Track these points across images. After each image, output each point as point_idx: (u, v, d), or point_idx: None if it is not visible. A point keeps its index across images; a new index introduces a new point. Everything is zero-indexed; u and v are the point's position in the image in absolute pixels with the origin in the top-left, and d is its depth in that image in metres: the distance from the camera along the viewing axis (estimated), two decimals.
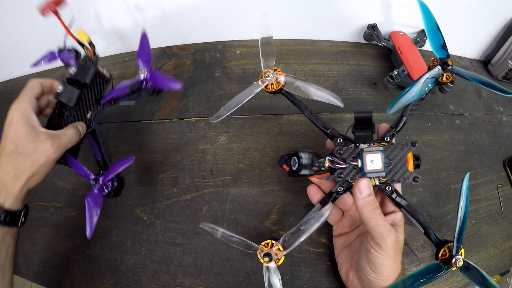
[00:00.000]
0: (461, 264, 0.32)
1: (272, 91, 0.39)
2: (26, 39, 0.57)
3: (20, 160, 0.33)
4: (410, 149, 0.34)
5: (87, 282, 0.42)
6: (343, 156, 0.34)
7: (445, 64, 0.37)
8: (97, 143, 0.44)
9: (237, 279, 0.41)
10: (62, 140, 0.36)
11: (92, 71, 0.41)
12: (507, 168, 0.52)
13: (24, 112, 0.35)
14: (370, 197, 0.33)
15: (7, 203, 0.33)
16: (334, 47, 0.62)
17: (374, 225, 0.32)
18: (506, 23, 0.60)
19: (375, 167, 0.33)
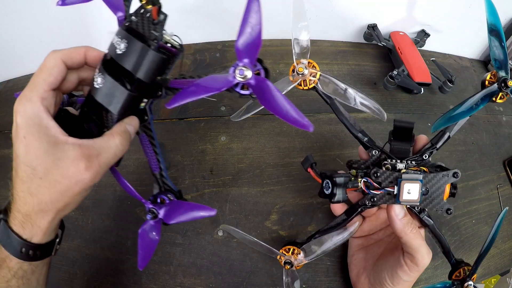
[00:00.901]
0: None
1: (304, 88, 0.35)
2: (26, 39, 0.57)
3: (42, 190, 0.24)
4: (450, 180, 0.32)
5: (87, 282, 0.42)
6: (378, 180, 0.32)
7: (503, 83, 0.32)
8: (153, 146, 0.32)
9: (237, 279, 0.41)
10: (103, 159, 0.25)
11: (151, 57, 0.25)
12: (507, 168, 0.52)
13: (34, 119, 0.24)
14: (406, 217, 0.32)
15: (35, 238, 0.26)
16: (334, 47, 0.62)
17: (417, 246, 0.31)
18: (506, 23, 0.60)
19: (412, 197, 0.31)
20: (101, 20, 0.57)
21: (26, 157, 0.24)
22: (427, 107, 0.56)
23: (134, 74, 0.25)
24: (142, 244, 0.31)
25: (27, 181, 0.24)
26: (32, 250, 0.26)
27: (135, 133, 0.28)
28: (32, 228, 0.25)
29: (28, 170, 0.24)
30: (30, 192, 0.24)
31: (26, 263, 0.26)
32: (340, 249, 0.43)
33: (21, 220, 0.25)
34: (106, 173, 0.49)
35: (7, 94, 0.62)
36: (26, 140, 0.24)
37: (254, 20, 0.24)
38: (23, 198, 0.25)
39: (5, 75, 0.65)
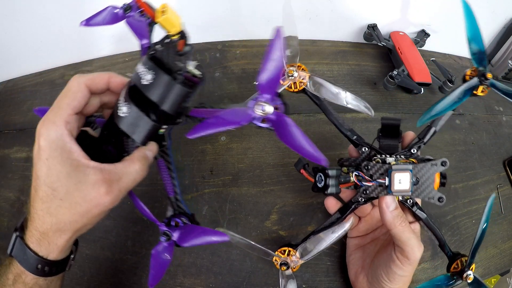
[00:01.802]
0: (471, 280, 0.33)
1: (295, 91, 0.36)
2: (26, 39, 0.57)
3: (62, 211, 0.25)
4: (439, 169, 0.33)
5: (87, 282, 0.42)
6: (370, 172, 0.33)
7: (482, 76, 0.33)
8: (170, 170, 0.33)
9: (237, 279, 0.41)
10: (123, 184, 0.26)
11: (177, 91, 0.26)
12: (507, 168, 0.52)
13: (57, 142, 0.24)
14: (397, 210, 0.33)
15: (52, 256, 0.26)
16: (334, 47, 0.62)
17: (406, 239, 0.32)
18: (506, 23, 0.60)
19: (403, 187, 0.32)
20: None
21: (48, 179, 0.24)
22: (427, 107, 0.55)
23: (159, 105, 0.26)
24: (154, 264, 0.32)
25: (47, 201, 0.25)
26: (48, 266, 0.26)
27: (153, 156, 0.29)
28: (48, 246, 0.26)
29: (48, 191, 0.24)
30: (50, 212, 0.25)
31: (42, 279, 0.27)
32: (340, 249, 0.43)
33: (38, 238, 0.26)
34: None
35: (7, 94, 0.62)
36: (49, 162, 0.24)
37: (277, 57, 0.25)
38: (42, 217, 0.25)
39: (5, 75, 0.65)
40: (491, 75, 0.33)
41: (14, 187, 0.51)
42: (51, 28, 0.57)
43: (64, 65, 0.62)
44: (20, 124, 0.54)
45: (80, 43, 0.61)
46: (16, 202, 0.50)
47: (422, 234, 0.44)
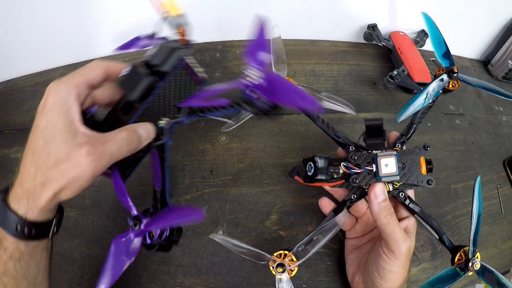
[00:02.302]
0: (478, 267, 0.32)
1: None
2: (26, 39, 0.57)
3: (47, 164, 0.25)
4: (422, 152, 0.34)
5: (87, 282, 0.42)
6: (357, 162, 0.34)
7: (451, 72, 0.37)
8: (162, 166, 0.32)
9: (237, 279, 0.41)
10: (107, 148, 0.26)
11: (176, 56, 0.30)
12: (507, 168, 0.52)
13: (63, 99, 0.26)
14: (385, 202, 0.33)
15: (31, 215, 0.26)
16: (334, 47, 0.62)
17: (390, 231, 0.32)
18: (506, 23, 0.60)
19: (390, 170, 0.33)
20: (101, 21, 0.58)
21: (44, 131, 0.25)
22: None
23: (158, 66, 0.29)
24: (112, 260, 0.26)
25: (37, 153, 0.25)
26: (27, 227, 0.26)
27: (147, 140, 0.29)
28: (27, 204, 0.25)
29: (41, 143, 0.25)
30: (36, 165, 0.25)
31: (22, 243, 0.26)
32: (340, 249, 0.43)
33: (19, 196, 0.26)
34: None
35: (7, 94, 0.62)
36: (49, 115, 0.25)
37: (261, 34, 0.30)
38: (28, 170, 0.25)
39: (5, 75, 0.65)
40: (456, 68, 0.37)
41: None
42: (51, 28, 0.57)
43: (64, 65, 0.62)
44: (20, 124, 0.54)
45: (80, 43, 0.61)
46: None
47: (422, 234, 0.44)
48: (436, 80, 0.38)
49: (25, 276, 0.27)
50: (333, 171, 0.35)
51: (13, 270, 0.26)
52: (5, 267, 0.26)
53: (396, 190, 0.35)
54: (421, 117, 0.38)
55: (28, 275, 0.27)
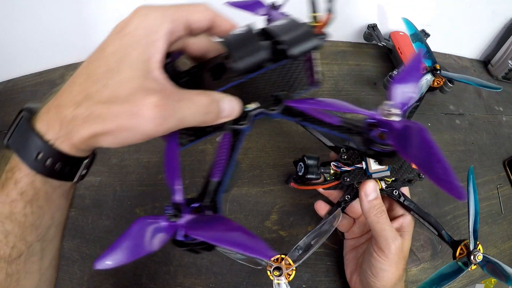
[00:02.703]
0: (480, 259, 0.31)
1: None
2: (26, 39, 0.57)
3: (100, 96, 0.18)
4: None
5: (87, 282, 0.42)
6: (347, 161, 0.35)
7: (433, 69, 0.39)
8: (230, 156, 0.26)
9: (237, 279, 0.41)
10: (180, 108, 0.19)
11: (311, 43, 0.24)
12: (507, 168, 0.52)
13: (151, 28, 0.19)
14: (376, 201, 0.33)
15: (60, 144, 0.19)
16: (334, 47, 0.62)
17: (380, 230, 0.32)
18: (506, 23, 0.60)
19: (379, 166, 0.33)
20: (101, 21, 0.58)
21: (112, 56, 0.19)
22: (427, 107, 0.56)
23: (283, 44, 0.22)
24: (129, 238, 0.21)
25: (93, 78, 0.19)
26: (51, 158, 0.19)
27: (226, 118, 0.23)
28: (59, 131, 0.19)
29: (102, 69, 0.19)
30: (87, 92, 0.19)
31: (40, 179, 0.20)
32: (340, 249, 0.43)
33: (50, 118, 0.19)
34: (104, 173, 0.49)
35: (7, 94, 0.62)
36: (126, 39, 0.19)
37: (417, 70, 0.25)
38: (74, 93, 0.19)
39: (5, 75, 0.65)
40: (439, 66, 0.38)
41: None
42: (51, 28, 0.57)
43: (64, 65, 0.62)
44: None
45: (80, 43, 0.61)
46: None
47: (422, 234, 0.44)
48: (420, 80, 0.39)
49: (34, 226, 0.21)
50: (324, 171, 0.35)
51: (21, 213, 0.20)
52: (12, 208, 0.20)
53: (390, 188, 0.35)
54: (409, 117, 0.38)
55: (38, 225, 0.21)
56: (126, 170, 0.49)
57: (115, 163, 0.50)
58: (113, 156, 0.51)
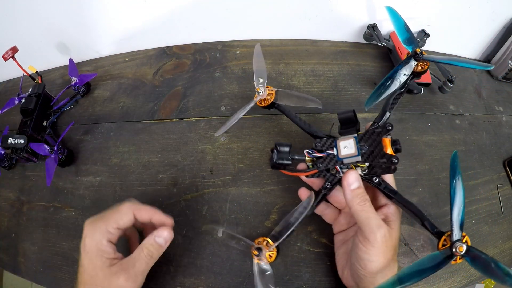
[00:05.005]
0: (463, 250, 0.28)
1: (265, 105, 0.43)
2: (27, 39, 0.57)
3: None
4: (383, 133, 0.34)
5: None
6: (320, 148, 0.37)
7: (415, 54, 0.39)
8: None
9: (237, 279, 0.41)
10: (138, 268, 0.32)
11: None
12: (507, 168, 0.52)
13: (98, 244, 0.32)
14: (359, 189, 0.33)
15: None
16: (334, 47, 0.62)
17: (364, 218, 0.32)
18: (506, 23, 0.60)
19: (349, 151, 0.34)
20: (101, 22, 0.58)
21: (88, 268, 0.32)
22: (427, 107, 0.56)
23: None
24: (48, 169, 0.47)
25: (88, 283, 0.32)
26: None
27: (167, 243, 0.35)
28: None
29: (88, 277, 0.32)
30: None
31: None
32: None
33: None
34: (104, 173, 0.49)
35: (7, 94, 0.62)
36: (89, 256, 0.32)
37: None
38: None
39: (5, 75, 0.65)
40: (419, 49, 0.38)
41: (14, 187, 0.51)
42: (51, 28, 0.57)
43: (64, 65, 0.62)
44: None
45: (80, 43, 0.61)
46: (16, 202, 0.50)
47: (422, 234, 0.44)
48: (402, 63, 0.39)
49: None
50: (298, 157, 0.37)
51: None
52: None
53: (369, 175, 0.35)
54: (393, 103, 0.39)
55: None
56: (126, 170, 0.49)
57: (115, 163, 0.50)
58: (113, 156, 0.51)
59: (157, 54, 0.62)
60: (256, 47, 0.46)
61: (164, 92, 0.56)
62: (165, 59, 0.61)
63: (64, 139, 0.53)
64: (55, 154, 0.47)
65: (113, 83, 0.59)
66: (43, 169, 0.47)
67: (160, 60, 0.61)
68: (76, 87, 0.55)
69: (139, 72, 0.60)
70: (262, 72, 0.44)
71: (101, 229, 0.33)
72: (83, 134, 0.54)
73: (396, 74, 0.39)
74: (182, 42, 0.63)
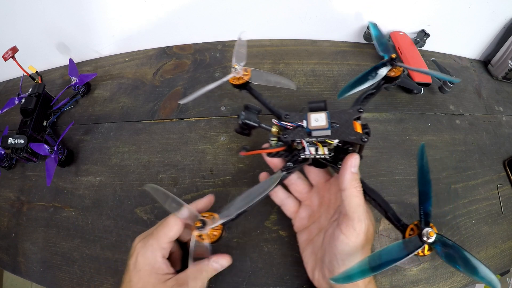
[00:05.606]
0: (433, 235, 0.26)
1: (239, 83, 0.41)
2: (27, 39, 0.57)
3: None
4: (355, 114, 0.34)
5: (87, 282, 0.42)
6: (289, 120, 0.35)
7: (391, 59, 0.39)
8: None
9: (237, 279, 0.41)
10: (191, 285, 0.32)
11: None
12: (507, 168, 0.52)
13: (151, 261, 0.32)
14: (357, 175, 0.32)
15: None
16: (334, 47, 0.62)
17: (356, 205, 0.30)
18: (506, 23, 0.60)
19: (320, 124, 0.32)
20: (101, 22, 0.58)
21: (137, 284, 0.31)
22: (427, 107, 0.56)
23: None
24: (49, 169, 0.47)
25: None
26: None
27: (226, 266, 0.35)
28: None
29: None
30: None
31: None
32: None
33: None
34: (104, 173, 0.49)
35: (7, 94, 0.62)
36: (140, 273, 0.31)
37: None
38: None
39: (5, 75, 0.65)
40: (395, 55, 0.39)
41: (14, 187, 0.51)
42: (51, 28, 0.57)
43: (64, 65, 0.62)
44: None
45: (80, 43, 0.61)
46: (16, 202, 0.50)
47: None
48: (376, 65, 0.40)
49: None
50: (265, 126, 0.36)
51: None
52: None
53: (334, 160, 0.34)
54: (363, 101, 0.39)
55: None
56: (126, 170, 0.49)
57: (115, 163, 0.50)
58: (113, 156, 0.51)
59: (157, 54, 0.62)
60: (239, 40, 0.45)
61: (164, 92, 0.56)
62: (165, 59, 0.61)
63: (64, 139, 0.53)
64: (55, 154, 0.47)
65: (113, 83, 0.59)
66: (43, 169, 0.46)
67: (160, 60, 0.61)
68: (76, 87, 0.55)
69: (139, 72, 0.60)
70: (242, 57, 0.42)
71: (153, 247, 0.32)
72: (83, 134, 0.54)
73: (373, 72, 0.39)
74: (182, 42, 0.63)
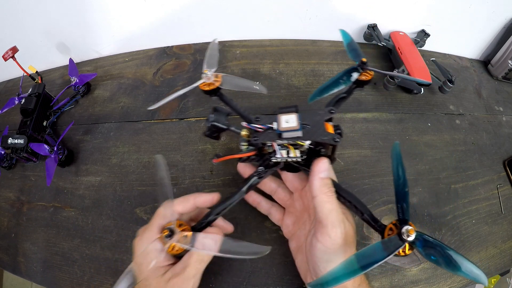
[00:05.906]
0: (413, 233, 0.25)
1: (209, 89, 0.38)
2: (26, 39, 0.57)
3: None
4: (326, 115, 0.33)
5: (87, 282, 0.42)
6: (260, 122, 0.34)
7: (361, 63, 0.39)
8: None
9: (237, 279, 0.41)
10: (188, 273, 0.31)
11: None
12: (507, 168, 0.52)
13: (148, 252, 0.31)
14: (328, 180, 0.31)
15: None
16: (334, 47, 0.62)
17: (327, 211, 0.29)
18: (506, 23, 0.60)
19: (291, 125, 0.32)
20: (101, 22, 0.58)
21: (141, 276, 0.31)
22: (427, 107, 0.56)
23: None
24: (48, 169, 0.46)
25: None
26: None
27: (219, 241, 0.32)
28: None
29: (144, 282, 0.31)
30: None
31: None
32: None
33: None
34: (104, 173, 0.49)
35: (7, 94, 0.62)
36: (142, 267, 0.31)
37: None
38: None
39: (5, 75, 0.65)
40: (365, 59, 0.39)
41: (14, 187, 0.51)
42: (51, 28, 0.57)
43: (64, 65, 0.62)
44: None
45: (80, 43, 0.61)
46: (16, 202, 0.50)
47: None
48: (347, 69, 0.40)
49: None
50: (235, 129, 0.36)
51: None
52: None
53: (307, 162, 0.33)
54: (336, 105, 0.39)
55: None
56: (126, 170, 0.49)
57: (115, 163, 0.50)
58: (113, 156, 0.51)
59: (157, 54, 0.62)
60: (212, 43, 0.44)
61: (164, 92, 0.56)
62: (165, 59, 0.61)
63: (64, 139, 0.53)
64: (55, 154, 0.47)
65: (113, 83, 0.59)
66: (43, 169, 0.47)
67: (160, 60, 0.61)
68: (76, 87, 0.55)
69: (139, 72, 0.60)
70: (213, 63, 0.41)
71: (148, 238, 0.31)
72: (83, 134, 0.54)
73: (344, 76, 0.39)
74: (182, 42, 0.63)
